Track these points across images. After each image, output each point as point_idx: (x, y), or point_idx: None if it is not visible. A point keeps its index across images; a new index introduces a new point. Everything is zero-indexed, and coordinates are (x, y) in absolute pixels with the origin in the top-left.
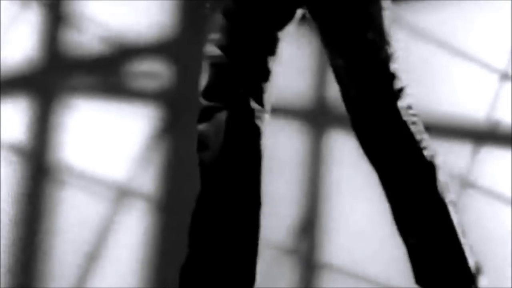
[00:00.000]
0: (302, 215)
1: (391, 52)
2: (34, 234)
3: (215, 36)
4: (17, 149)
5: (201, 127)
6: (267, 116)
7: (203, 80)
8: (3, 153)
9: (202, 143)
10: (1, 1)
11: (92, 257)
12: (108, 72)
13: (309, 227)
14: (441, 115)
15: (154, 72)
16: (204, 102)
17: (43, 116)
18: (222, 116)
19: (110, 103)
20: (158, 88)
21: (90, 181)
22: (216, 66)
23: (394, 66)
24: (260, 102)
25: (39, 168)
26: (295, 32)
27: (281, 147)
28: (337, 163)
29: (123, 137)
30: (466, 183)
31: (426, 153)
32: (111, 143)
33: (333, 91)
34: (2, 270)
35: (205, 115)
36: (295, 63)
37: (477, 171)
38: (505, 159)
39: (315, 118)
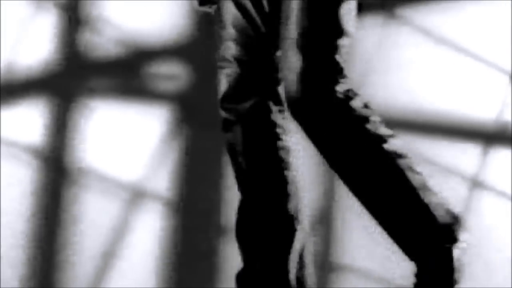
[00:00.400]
0: (317, 214)
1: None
2: (52, 234)
3: (226, 44)
4: (35, 151)
5: (227, 136)
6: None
7: (220, 87)
8: (22, 155)
9: (231, 152)
10: (18, 2)
11: (109, 258)
12: (125, 74)
13: (324, 226)
14: (451, 116)
15: (170, 74)
16: (221, 112)
17: (61, 118)
18: (238, 128)
19: (127, 104)
20: (175, 90)
21: (107, 182)
22: (231, 73)
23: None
24: (274, 97)
25: (57, 169)
26: None
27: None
28: None
29: (139, 138)
30: (476, 184)
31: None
32: (127, 145)
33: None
34: (19, 271)
35: (226, 125)
36: None
37: (487, 172)
38: None
39: None
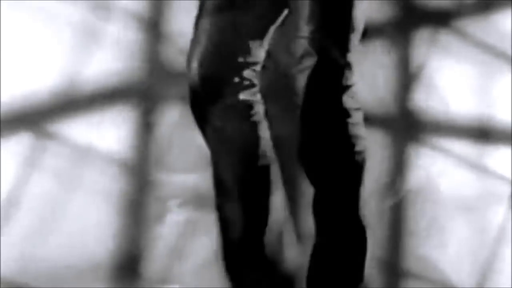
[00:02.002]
0: (386, 223)
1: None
2: (135, 245)
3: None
4: (118, 161)
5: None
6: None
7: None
8: (105, 166)
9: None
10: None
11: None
12: None
13: (393, 234)
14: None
15: None
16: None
17: (144, 127)
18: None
19: None
20: None
21: (190, 192)
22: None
23: (349, 60)
24: (254, 94)
25: (141, 180)
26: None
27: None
28: (419, 169)
29: None
30: None
31: (357, 157)
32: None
33: (417, 99)
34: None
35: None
36: (379, 72)
37: None
38: None
39: (398, 126)
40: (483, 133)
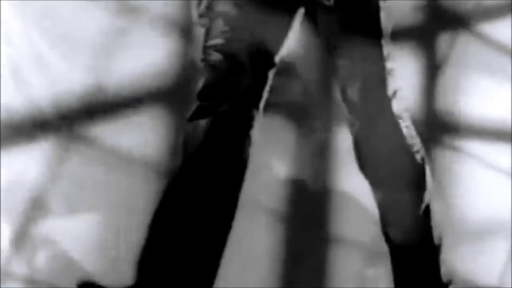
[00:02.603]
0: None
1: (388, 52)
2: None
3: (215, 41)
4: (148, 164)
5: (189, 127)
6: (260, 120)
7: (200, 83)
8: (141, 171)
9: (187, 143)
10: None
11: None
12: None
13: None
14: None
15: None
16: (197, 102)
17: (175, 130)
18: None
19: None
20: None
21: None
22: (215, 69)
23: (390, 66)
24: (257, 106)
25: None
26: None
27: None
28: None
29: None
30: None
31: (417, 156)
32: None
33: (442, 104)
34: None
35: (196, 115)
36: (406, 74)
37: None
38: None
39: (424, 130)
40: (507, 136)
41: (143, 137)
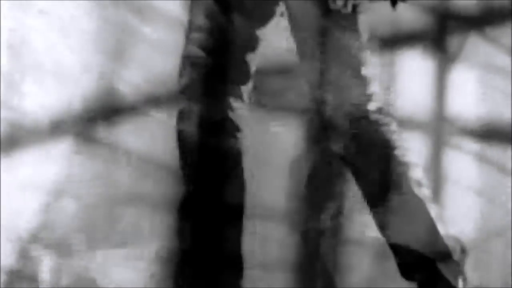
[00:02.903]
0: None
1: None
2: None
3: (195, 35)
4: (162, 166)
5: (180, 127)
6: (246, 113)
7: (183, 78)
8: (150, 171)
9: (181, 142)
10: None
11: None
12: None
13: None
14: None
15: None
16: (182, 100)
17: None
18: (197, 117)
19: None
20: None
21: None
22: (196, 65)
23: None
24: (240, 100)
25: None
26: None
27: None
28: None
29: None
30: None
31: (397, 152)
32: None
33: (453, 103)
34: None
35: (184, 115)
36: (417, 76)
37: None
38: None
39: (435, 129)
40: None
41: (155, 138)
